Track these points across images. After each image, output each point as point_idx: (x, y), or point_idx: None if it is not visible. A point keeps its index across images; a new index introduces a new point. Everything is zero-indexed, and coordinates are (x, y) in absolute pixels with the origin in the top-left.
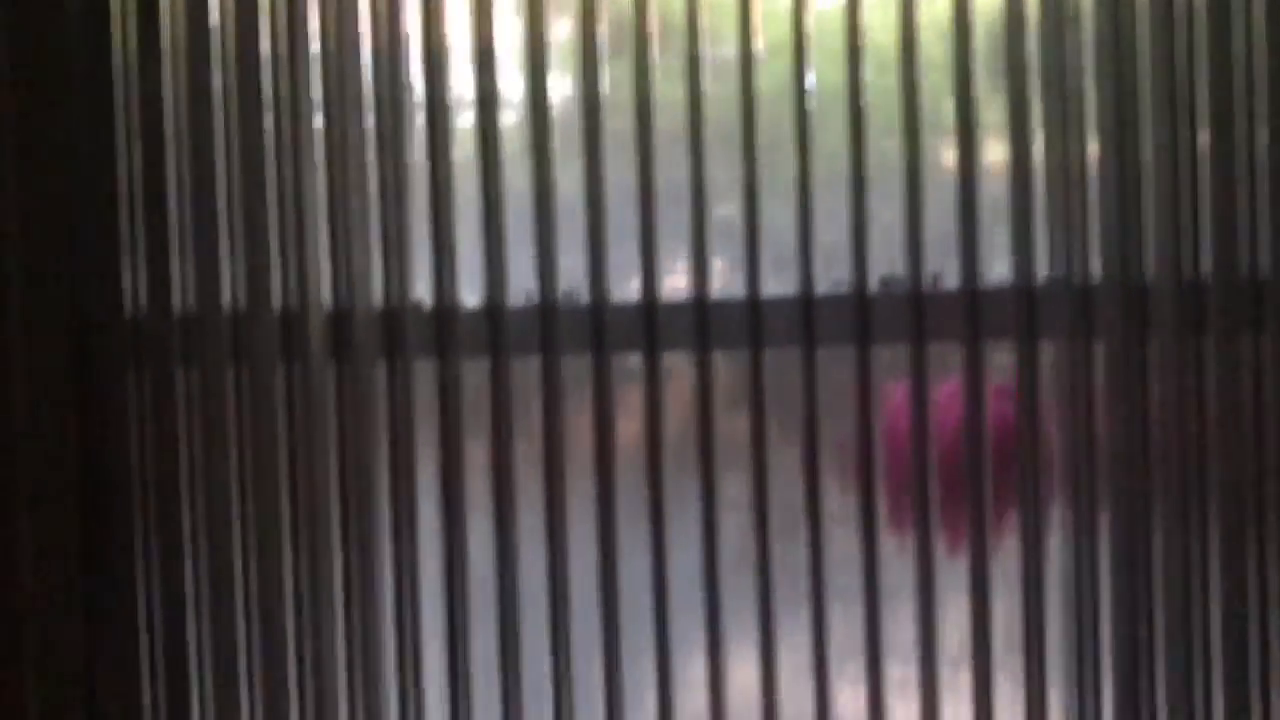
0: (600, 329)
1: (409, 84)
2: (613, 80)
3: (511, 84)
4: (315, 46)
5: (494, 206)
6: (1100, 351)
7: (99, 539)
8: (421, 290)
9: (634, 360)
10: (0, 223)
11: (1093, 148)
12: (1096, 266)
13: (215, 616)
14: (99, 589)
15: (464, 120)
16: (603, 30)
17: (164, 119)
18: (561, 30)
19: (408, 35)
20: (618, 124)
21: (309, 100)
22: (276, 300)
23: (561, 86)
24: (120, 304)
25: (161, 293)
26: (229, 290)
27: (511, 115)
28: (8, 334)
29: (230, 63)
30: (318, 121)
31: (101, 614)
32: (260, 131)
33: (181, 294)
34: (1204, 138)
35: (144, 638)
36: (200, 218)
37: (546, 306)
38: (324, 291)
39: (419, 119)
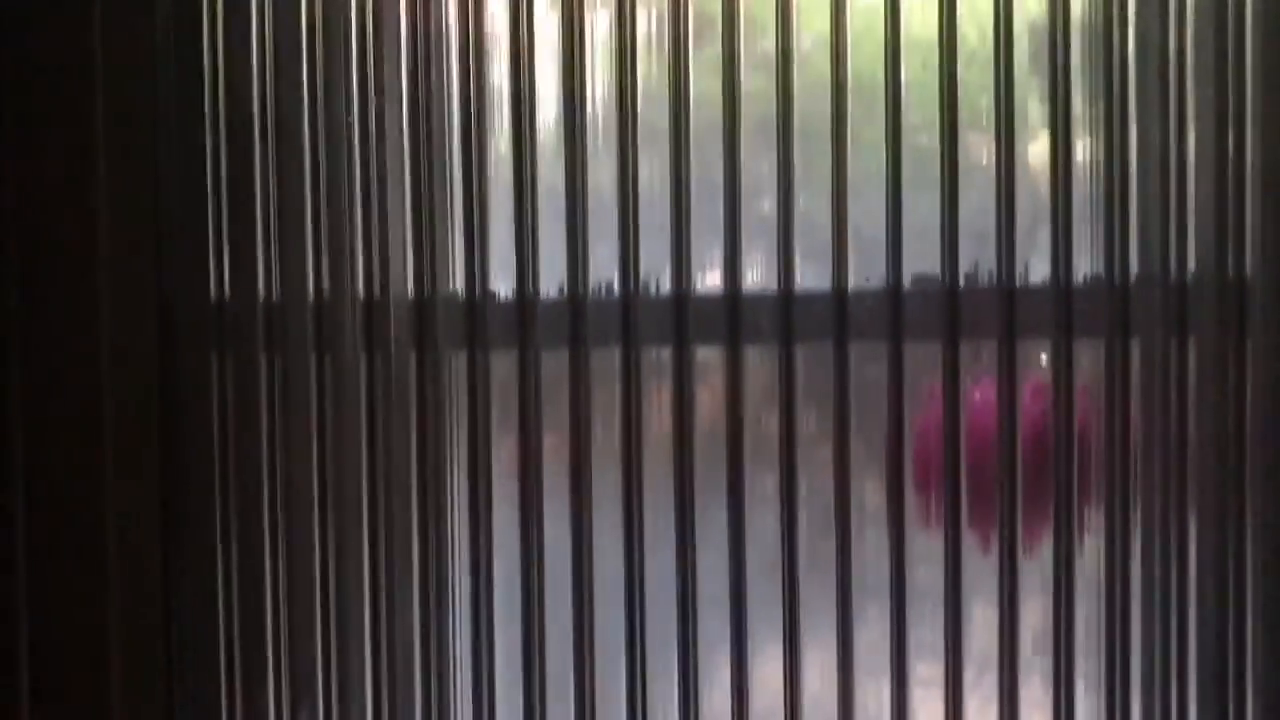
0: (682, 320)
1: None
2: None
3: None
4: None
5: (577, 198)
6: (1193, 349)
7: (179, 519)
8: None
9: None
10: (93, 212)
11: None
12: (1192, 262)
13: (291, 598)
14: (178, 567)
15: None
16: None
17: (251, 111)
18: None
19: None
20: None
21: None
22: (359, 288)
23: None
24: (206, 290)
25: (246, 279)
26: (312, 278)
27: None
28: (100, 318)
29: (316, 59)
30: (403, 114)
31: (180, 590)
32: (343, 124)
33: (265, 281)
34: (1253, 138)
35: (221, 614)
36: (284, 207)
37: (627, 296)
38: (408, 280)
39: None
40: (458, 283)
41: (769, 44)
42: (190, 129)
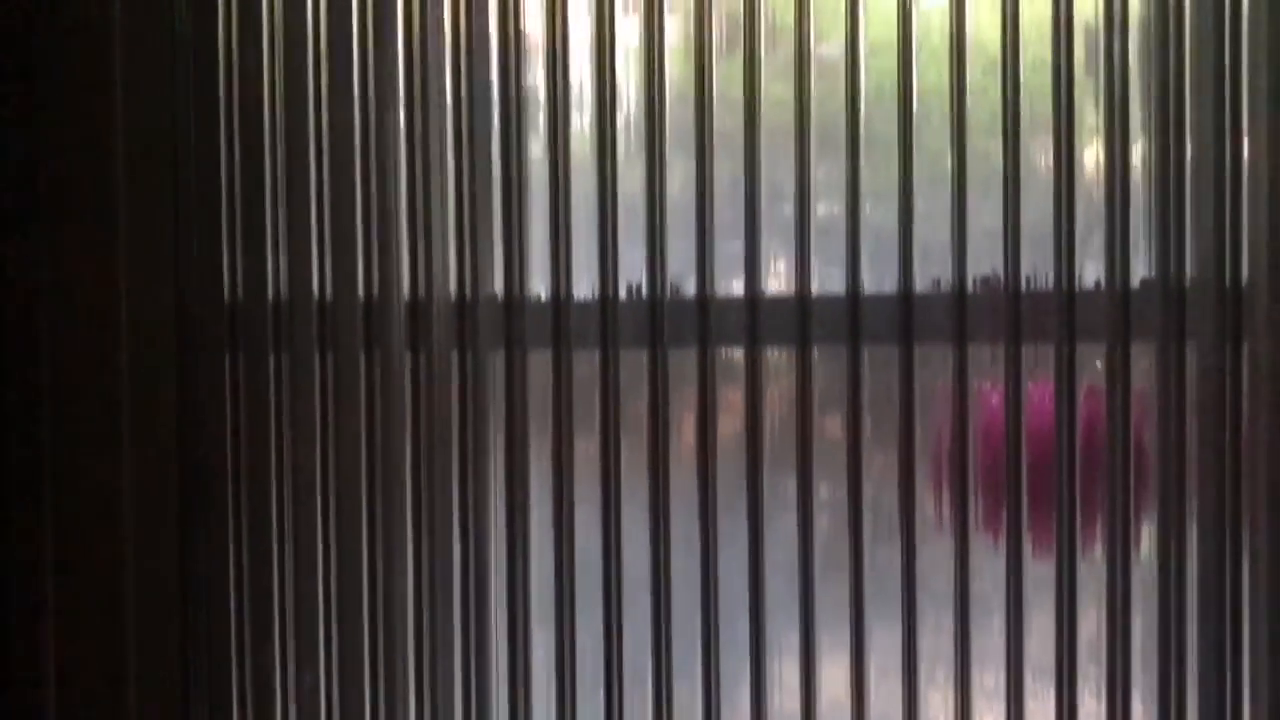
0: (705, 322)
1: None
2: (722, 79)
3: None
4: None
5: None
6: (1193, 355)
7: (194, 518)
8: (538, 282)
9: (736, 354)
10: (111, 216)
11: (1190, 150)
12: (1192, 269)
13: (298, 593)
14: (193, 560)
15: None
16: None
17: (263, 117)
18: (673, 29)
19: (525, 32)
20: (725, 123)
21: (394, 95)
22: (361, 290)
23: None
24: (220, 292)
25: (257, 282)
26: (317, 280)
27: (624, 113)
28: (117, 318)
29: (322, 62)
30: (401, 118)
31: (195, 583)
32: (349, 129)
33: (275, 283)
34: None
35: (233, 600)
36: (293, 212)
37: (655, 298)
38: (405, 282)
39: (495, 119)
40: (497, 284)
41: (833, 49)
42: (247, 129)
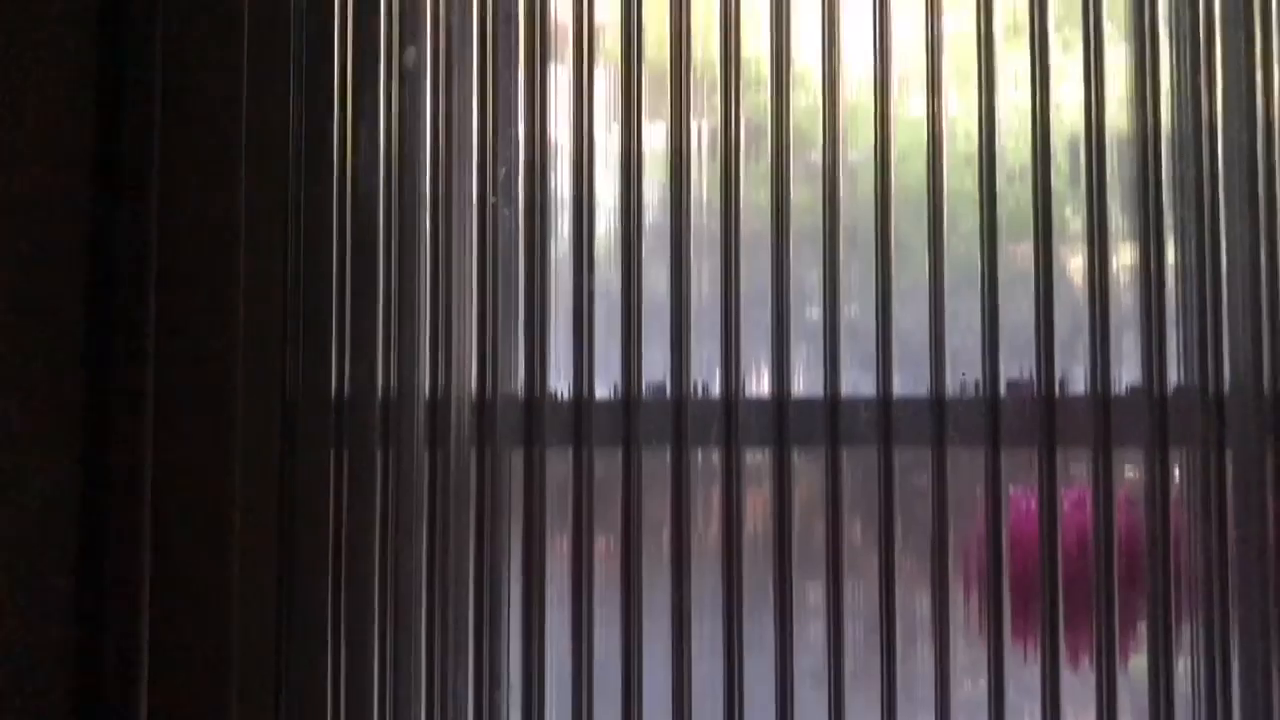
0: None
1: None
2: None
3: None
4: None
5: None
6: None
7: (292, 605)
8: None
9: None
10: (229, 312)
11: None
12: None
13: (349, 688)
14: (291, 656)
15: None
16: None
17: (376, 220)
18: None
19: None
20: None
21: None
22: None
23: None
24: (327, 387)
25: (365, 377)
26: (427, 376)
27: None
28: (232, 411)
29: (440, 171)
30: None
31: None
32: (460, 231)
33: (384, 379)
34: None
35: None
36: (402, 309)
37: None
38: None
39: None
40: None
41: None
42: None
